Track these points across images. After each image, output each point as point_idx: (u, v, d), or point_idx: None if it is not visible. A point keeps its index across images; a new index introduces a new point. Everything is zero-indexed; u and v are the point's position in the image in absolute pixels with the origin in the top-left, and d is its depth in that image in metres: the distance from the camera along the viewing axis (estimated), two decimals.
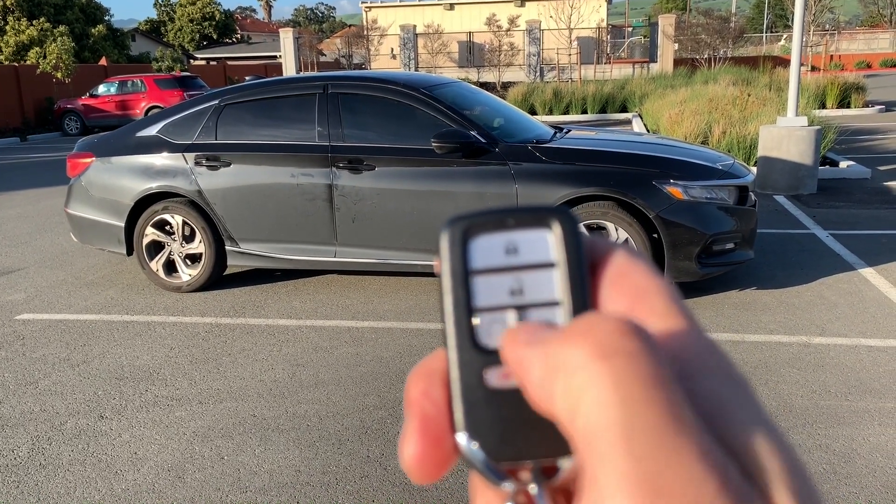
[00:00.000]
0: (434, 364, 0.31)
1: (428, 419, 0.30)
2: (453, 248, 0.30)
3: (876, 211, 7.99)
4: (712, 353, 0.28)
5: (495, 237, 0.30)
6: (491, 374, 0.29)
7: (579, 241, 0.30)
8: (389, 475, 3.29)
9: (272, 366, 4.51)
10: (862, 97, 19.79)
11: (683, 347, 0.28)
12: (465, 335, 0.29)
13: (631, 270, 0.30)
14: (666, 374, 0.25)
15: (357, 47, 32.90)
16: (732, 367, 0.28)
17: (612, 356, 0.25)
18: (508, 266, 0.30)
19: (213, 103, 5.97)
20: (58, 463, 3.50)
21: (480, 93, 6.64)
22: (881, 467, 3.22)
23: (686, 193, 5.07)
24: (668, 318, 0.28)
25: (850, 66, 38.32)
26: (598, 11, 34.61)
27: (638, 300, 0.29)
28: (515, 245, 0.30)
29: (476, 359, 0.29)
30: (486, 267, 0.30)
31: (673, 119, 11.92)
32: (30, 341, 5.09)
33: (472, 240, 0.30)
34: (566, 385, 0.26)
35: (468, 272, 0.30)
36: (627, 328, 0.26)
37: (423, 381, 0.30)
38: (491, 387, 0.29)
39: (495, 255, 0.30)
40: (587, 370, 0.25)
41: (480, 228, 0.30)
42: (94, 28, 38.29)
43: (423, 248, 5.49)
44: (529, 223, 0.30)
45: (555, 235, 0.30)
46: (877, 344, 4.49)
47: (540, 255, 0.30)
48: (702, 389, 0.27)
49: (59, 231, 8.39)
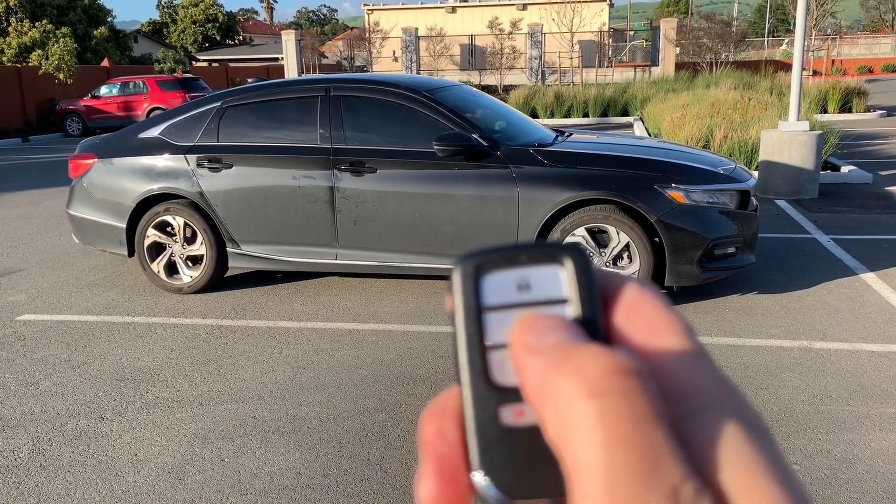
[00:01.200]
0: (447, 402, 0.31)
1: (443, 458, 0.30)
2: (466, 285, 0.30)
3: (877, 216, 7.99)
4: (723, 389, 0.28)
5: (508, 274, 0.30)
6: (506, 412, 0.29)
7: (592, 277, 0.30)
8: (390, 478, 3.28)
9: (273, 368, 4.51)
10: (863, 102, 19.80)
11: (693, 383, 0.28)
12: (478, 372, 0.29)
13: (643, 304, 0.30)
14: (653, 414, 0.26)
15: (359, 50, 32.94)
16: (743, 404, 0.28)
17: (601, 395, 0.26)
18: (521, 302, 0.30)
19: (216, 105, 5.98)
20: (58, 464, 3.50)
21: (482, 96, 6.64)
22: (882, 472, 3.22)
23: (688, 197, 5.07)
24: (680, 354, 0.29)
25: (851, 71, 38.33)
26: (600, 15, 34.63)
27: (651, 335, 0.29)
28: (528, 281, 0.30)
29: (490, 396, 0.29)
30: (499, 303, 0.30)
31: (674, 123, 11.92)
32: (31, 342, 5.09)
33: (485, 276, 0.30)
34: (557, 414, 0.27)
35: (481, 309, 0.30)
36: (620, 366, 0.27)
37: (436, 419, 0.30)
38: (506, 424, 0.29)
39: (508, 292, 0.30)
40: (575, 406, 0.26)
41: (492, 265, 0.30)
42: (96, 29, 38.34)
43: (425, 250, 5.49)
44: (541, 260, 0.30)
45: (567, 272, 0.30)
46: (878, 349, 4.49)
47: (552, 291, 0.30)
48: (702, 426, 0.27)
49: (60, 232, 8.40)
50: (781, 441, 3.49)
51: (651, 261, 5.07)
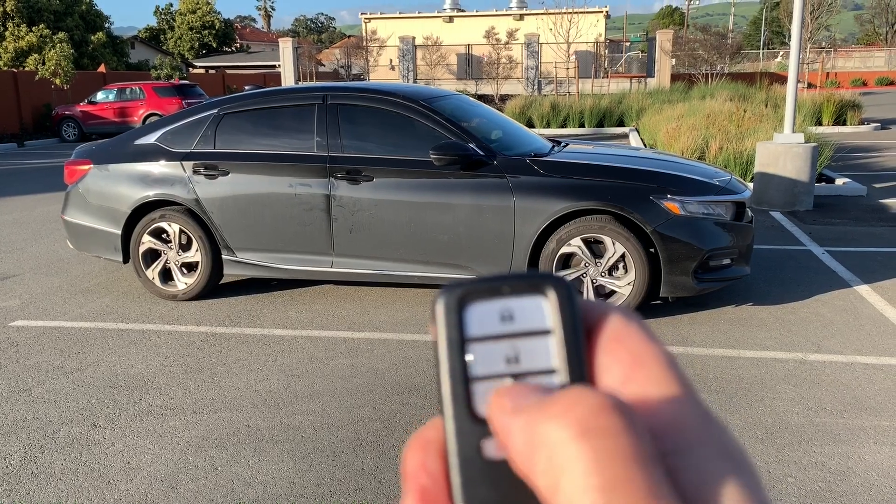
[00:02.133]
0: (431, 434, 0.30)
1: (426, 493, 0.29)
2: (449, 316, 0.30)
3: (871, 228, 8.02)
4: (707, 426, 0.28)
5: (491, 304, 0.30)
6: (488, 445, 0.29)
7: (575, 308, 0.30)
8: (384, 488, 3.27)
9: (267, 376, 4.50)
10: (858, 115, 19.90)
11: (677, 420, 0.28)
12: (461, 405, 0.29)
13: (626, 336, 0.29)
14: (646, 453, 0.25)
15: (356, 58, 33.00)
16: (728, 440, 0.28)
17: (592, 436, 0.25)
18: (504, 334, 0.30)
19: (213, 112, 5.98)
20: (50, 472, 3.48)
21: (479, 105, 6.65)
22: (877, 485, 3.22)
23: (683, 209, 5.08)
24: (664, 388, 0.28)
25: (845, 84, 38.56)
26: (597, 26, 34.82)
27: (634, 367, 0.29)
28: (511, 312, 0.30)
29: (473, 429, 0.29)
30: (482, 335, 0.30)
31: (670, 134, 11.96)
32: (24, 348, 5.06)
33: (468, 307, 0.30)
34: (547, 462, 0.26)
35: (464, 340, 0.30)
36: (608, 405, 0.26)
37: (420, 452, 0.30)
38: (488, 458, 0.29)
39: (491, 323, 0.30)
40: (567, 449, 0.25)
41: (476, 296, 0.30)
42: (93, 35, 38.34)
43: (421, 259, 5.49)
44: (525, 290, 0.30)
45: (550, 302, 0.30)
46: (872, 361, 4.50)
47: (536, 322, 0.30)
48: (690, 465, 0.26)
49: (54, 238, 8.37)
50: (776, 454, 3.50)
51: (646, 271, 5.07)
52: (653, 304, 5.49)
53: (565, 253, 5.21)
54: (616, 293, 5.19)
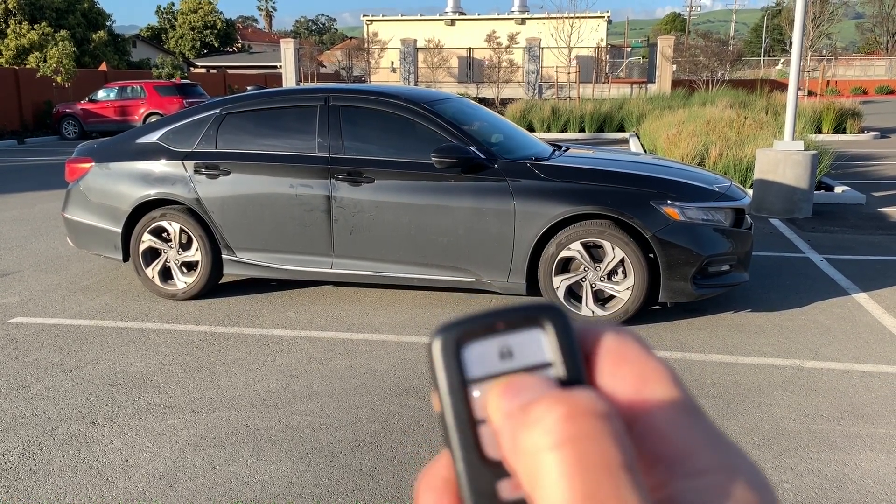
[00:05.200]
0: (441, 472, 0.30)
1: None
2: (447, 360, 0.29)
3: (870, 236, 8.04)
4: (717, 448, 0.27)
5: (488, 343, 0.29)
6: (504, 487, 0.28)
7: (572, 337, 0.29)
8: (381, 489, 3.28)
9: (266, 376, 4.50)
10: (858, 123, 19.93)
11: (689, 442, 0.27)
12: (471, 450, 0.29)
13: (626, 357, 0.29)
14: (620, 463, 0.25)
15: (357, 60, 33.03)
16: (742, 461, 0.27)
17: (567, 444, 0.25)
18: (505, 371, 0.29)
19: (215, 112, 5.99)
20: (48, 468, 3.48)
21: (480, 109, 6.67)
22: (872, 493, 3.23)
23: (683, 214, 5.10)
24: (672, 409, 0.28)
25: (846, 92, 38.63)
26: (598, 31, 34.87)
27: (639, 388, 0.28)
28: (510, 349, 0.29)
29: (486, 473, 0.28)
30: (483, 375, 0.29)
31: (670, 140, 11.98)
32: (23, 345, 5.07)
33: (465, 348, 0.29)
34: (526, 469, 0.26)
35: (466, 383, 0.29)
36: (580, 409, 0.26)
37: (432, 494, 0.29)
38: (505, 500, 0.28)
39: (490, 362, 0.29)
40: (543, 458, 0.25)
41: (471, 335, 0.29)
42: (95, 33, 38.36)
43: (421, 261, 5.50)
44: (520, 324, 0.30)
45: (547, 335, 0.29)
46: (870, 369, 4.51)
47: (535, 356, 0.29)
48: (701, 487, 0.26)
49: (54, 235, 8.38)
50: (772, 460, 3.51)
51: (645, 276, 5.08)
52: (651, 310, 5.50)
53: (565, 257, 5.22)
54: (615, 298, 5.20)
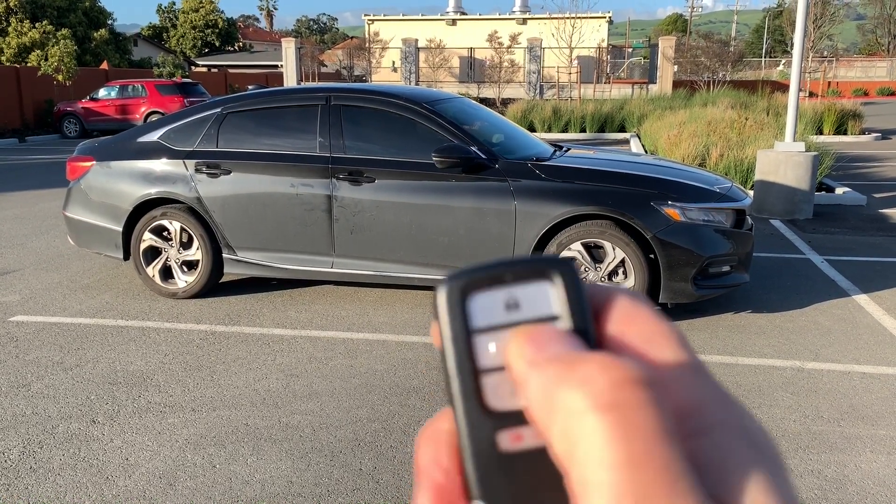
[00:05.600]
0: (441, 426, 0.30)
1: (440, 489, 0.29)
2: (452, 309, 0.29)
3: (871, 238, 8.04)
4: (724, 405, 0.27)
5: (495, 293, 0.29)
6: (503, 438, 0.28)
7: (581, 291, 0.29)
8: (381, 488, 3.28)
9: (266, 375, 4.51)
10: (859, 124, 19.93)
11: (696, 400, 0.27)
12: (472, 399, 0.28)
13: (635, 317, 0.29)
14: (666, 429, 0.25)
15: (358, 59, 33.04)
16: (749, 421, 0.27)
17: (612, 409, 0.24)
18: (511, 322, 0.29)
19: (216, 111, 5.99)
20: (48, 467, 3.48)
21: (481, 109, 6.67)
22: (872, 494, 3.23)
23: (684, 215, 5.10)
24: (680, 367, 0.27)
25: (847, 94, 38.63)
26: (599, 31, 34.88)
27: (646, 348, 0.28)
28: (516, 300, 0.29)
29: (486, 423, 0.28)
30: (488, 325, 0.29)
31: (671, 140, 11.98)
32: (23, 343, 5.07)
33: (471, 298, 0.29)
34: (563, 428, 0.25)
35: (469, 332, 0.29)
36: (632, 377, 0.25)
37: (432, 446, 0.29)
38: (504, 450, 0.28)
39: (496, 313, 0.29)
40: (585, 420, 0.25)
41: (478, 285, 0.29)
42: (96, 32, 38.37)
43: (421, 261, 5.50)
44: (529, 276, 0.29)
45: (556, 288, 0.29)
46: (870, 370, 4.51)
47: (542, 309, 0.29)
48: (711, 447, 0.26)
49: (55, 233, 8.38)
50: None
51: (646, 277, 5.08)
52: None
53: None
54: None
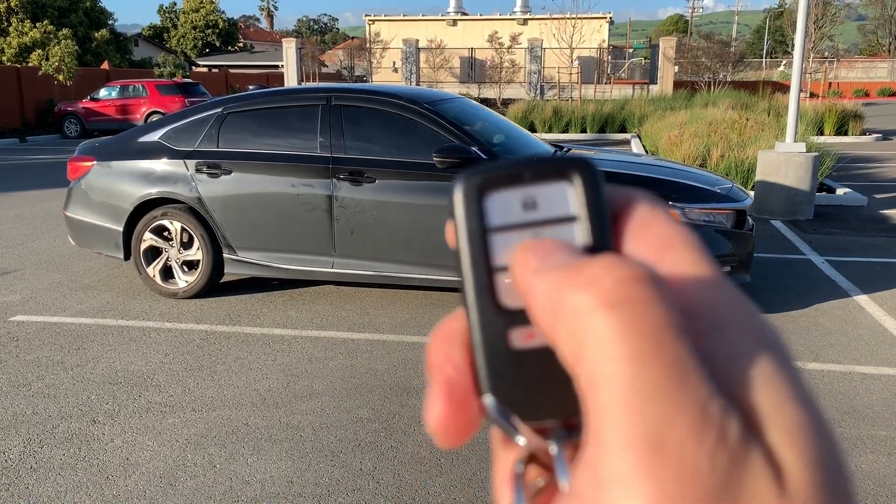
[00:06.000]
0: (454, 324, 0.30)
1: (452, 384, 0.29)
2: (468, 206, 0.29)
3: (872, 238, 8.03)
4: (740, 306, 0.27)
5: (512, 192, 0.29)
6: (515, 335, 0.28)
7: (600, 193, 0.28)
8: (382, 488, 3.28)
9: (266, 375, 4.51)
10: (859, 125, 19.93)
11: (710, 300, 0.27)
12: (485, 296, 0.28)
13: (654, 220, 0.29)
14: (673, 324, 0.25)
15: (359, 59, 33.06)
16: (761, 321, 0.27)
17: (618, 306, 0.25)
18: (527, 222, 0.29)
19: (217, 111, 5.99)
20: (49, 466, 3.48)
21: (482, 109, 6.67)
22: (873, 494, 3.23)
23: (684, 216, 5.10)
24: (695, 270, 0.27)
25: (848, 94, 38.62)
26: (600, 32, 34.88)
27: (663, 251, 0.28)
28: (534, 199, 0.29)
29: (499, 320, 0.28)
30: (504, 224, 0.29)
31: (672, 141, 11.98)
32: (24, 343, 5.07)
33: (488, 196, 0.29)
34: (570, 329, 0.25)
35: (485, 230, 0.29)
36: (637, 275, 0.25)
37: (444, 344, 0.30)
38: (515, 348, 0.28)
39: (513, 211, 0.29)
40: (592, 319, 0.25)
41: (496, 184, 0.29)
42: (97, 32, 38.41)
43: (421, 261, 5.50)
44: (547, 176, 0.29)
45: (574, 188, 0.28)
46: (870, 371, 4.51)
47: (559, 209, 0.29)
48: (723, 343, 0.26)
49: (56, 233, 8.38)
50: None
51: None
52: None
53: None
54: None
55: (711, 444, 0.23)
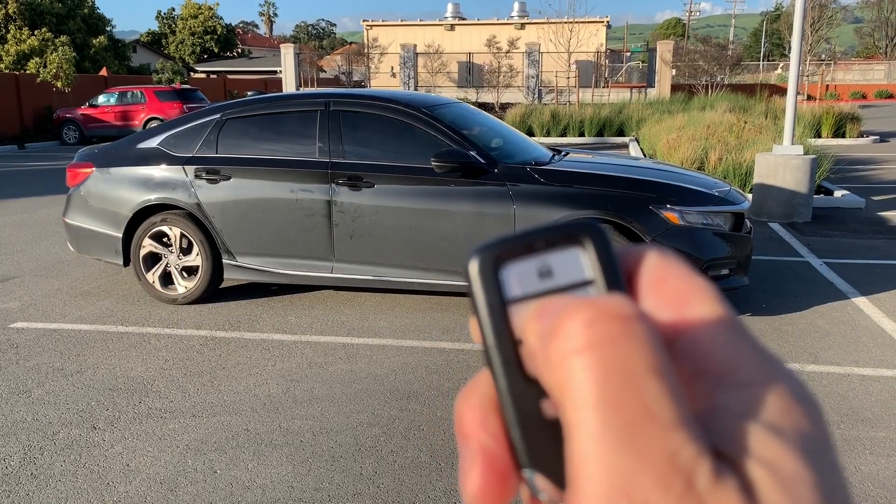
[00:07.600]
0: (483, 390, 0.29)
1: (491, 454, 0.29)
2: (486, 281, 0.29)
3: (869, 240, 8.05)
4: (761, 364, 0.26)
5: (527, 262, 0.29)
6: (548, 405, 0.28)
7: (613, 254, 0.29)
8: (382, 493, 3.28)
9: (266, 380, 4.51)
10: (857, 127, 19.94)
11: (734, 357, 0.26)
12: (514, 370, 0.28)
13: (668, 274, 0.28)
14: (648, 366, 0.24)
15: (357, 65, 33.06)
16: (789, 376, 0.26)
17: (590, 348, 0.24)
18: (545, 290, 0.29)
19: (215, 117, 6.00)
20: (49, 473, 3.49)
21: (480, 113, 6.69)
22: (872, 496, 3.23)
23: (682, 219, 5.11)
24: (716, 323, 0.27)
25: (845, 97, 38.69)
26: (597, 35, 34.91)
27: (681, 305, 0.27)
28: (549, 267, 0.29)
29: (530, 391, 0.28)
30: (523, 294, 0.29)
31: (670, 144, 12.00)
32: (23, 350, 5.07)
33: (503, 268, 0.29)
34: (554, 380, 0.25)
35: (505, 303, 0.29)
36: (606, 313, 0.25)
37: (478, 412, 0.29)
38: (550, 418, 0.28)
39: (530, 281, 0.29)
40: (565, 366, 0.25)
41: (510, 255, 0.29)
42: (95, 39, 38.44)
43: (421, 266, 5.51)
44: (560, 243, 0.29)
45: (587, 252, 0.29)
46: (869, 373, 4.52)
47: (575, 274, 0.29)
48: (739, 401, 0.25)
49: (55, 240, 8.38)
50: None
51: None
52: None
53: None
54: None
55: (677, 495, 0.23)
